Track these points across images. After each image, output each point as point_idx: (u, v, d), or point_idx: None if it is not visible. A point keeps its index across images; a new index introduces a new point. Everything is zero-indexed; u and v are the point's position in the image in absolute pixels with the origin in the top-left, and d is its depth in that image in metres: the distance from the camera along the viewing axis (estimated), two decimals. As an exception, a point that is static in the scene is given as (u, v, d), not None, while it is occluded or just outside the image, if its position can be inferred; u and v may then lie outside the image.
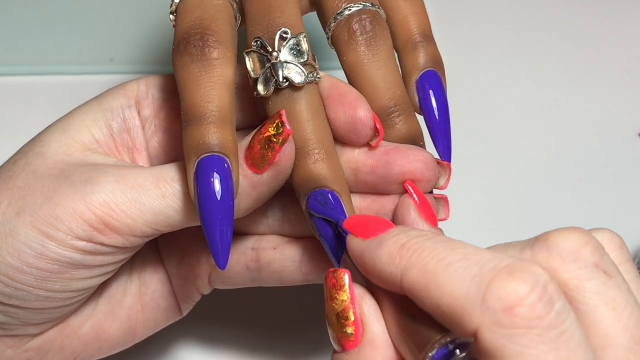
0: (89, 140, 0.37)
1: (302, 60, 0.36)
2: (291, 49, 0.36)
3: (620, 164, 0.56)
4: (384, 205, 0.37)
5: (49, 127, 0.38)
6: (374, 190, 0.37)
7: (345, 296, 0.30)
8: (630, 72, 0.60)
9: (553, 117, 0.58)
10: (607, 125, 0.57)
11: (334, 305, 0.30)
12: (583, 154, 0.56)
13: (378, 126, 0.36)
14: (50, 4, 0.57)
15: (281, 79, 0.35)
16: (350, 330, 0.30)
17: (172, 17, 0.37)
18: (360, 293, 0.30)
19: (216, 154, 0.33)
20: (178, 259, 0.40)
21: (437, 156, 0.38)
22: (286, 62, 0.35)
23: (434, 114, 0.38)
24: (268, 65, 0.35)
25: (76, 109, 0.39)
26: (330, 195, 0.35)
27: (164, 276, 0.40)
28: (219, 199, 0.33)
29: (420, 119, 0.39)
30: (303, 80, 0.35)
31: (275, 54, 0.35)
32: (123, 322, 0.39)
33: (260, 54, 0.36)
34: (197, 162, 0.33)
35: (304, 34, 0.36)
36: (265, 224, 0.39)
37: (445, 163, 0.38)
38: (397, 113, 0.37)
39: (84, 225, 0.34)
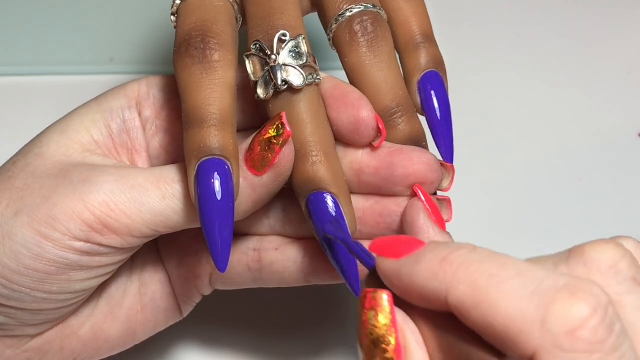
0: (88, 141, 0.37)
1: (302, 62, 0.36)
2: (290, 51, 0.36)
3: (620, 164, 0.56)
4: (387, 206, 0.37)
5: (48, 128, 0.38)
6: (377, 191, 0.37)
7: (386, 319, 0.28)
8: (630, 72, 0.60)
9: (553, 117, 0.58)
10: (607, 125, 0.57)
11: (373, 328, 0.28)
12: (583, 154, 0.56)
13: (380, 126, 0.36)
14: (50, 4, 0.57)
15: (279, 82, 0.35)
16: (390, 356, 0.28)
17: (173, 18, 0.37)
18: (402, 317, 0.28)
19: (217, 157, 0.33)
20: (178, 259, 0.40)
21: (439, 157, 0.38)
22: (285, 65, 0.35)
23: (436, 114, 0.39)
24: (267, 68, 0.35)
25: (75, 109, 0.38)
26: (333, 204, 0.35)
27: (164, 277, 0.40)
28: (219, 201, 0.33)
29: (422, 119, 0.39)
30: (302, 82, 0.35)
31: (273, 56, 0.35)
32: (123, 322, 0.39)
33: (260, 57, 0.36)
34: (197, 164, 0.33)
35: (303, 36, 0.36)
36: (267, 225, 0.39)
37: (448, 165, 0.38)
38: (399, 114, 0.37)
39: (82, 225, 0.34)
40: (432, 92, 0.38)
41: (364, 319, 0.28)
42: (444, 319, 0.28)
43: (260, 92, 0.36)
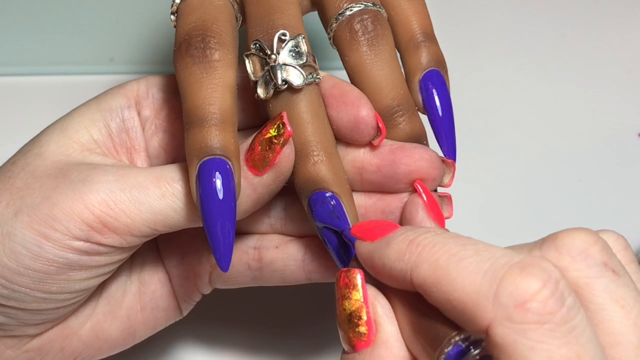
0: (87, 140, 0.37)
1: (301, 62, 0.36)
2: (290, 51, 0.36)
3: (620, 164, 0.56)
4: (389, 203, 0.37)
5: (48, 127, 0.38)
6: (379, 189, 0.37)
7: (358, 295, 0.30)
8: (630, 72, 0.60)
9: (553, 116, 0.58)
10: (607, 125, 0.57)
11: (347, 304, 0.30)
12: (583, 154, 0.56)
13: (380, 125, 0.36)
14: (50, 4, 0.57)
15: (279, 82, 0.35)
16: (363, 329, 0.30)
17: (172, 17, 0.37)
18: (373, 292, 0.30)
19: (218, 157, 0.33)
20: (178, 258, 0.40)
21: (440, 155, 0.38)
22: (284, 64, 0.35)
23: (438, 113, 0.39)
24: (266, 68, 0.35)
25: (75, 109, 0.39)
26: (333, 201, 0.35)
27: (164, 276, 0.40)
28: (221, 201, 0.33)
29: (423, 118, 0.39)
30: (302, 82, 0.35)
31: (273, 56, 0.35)
32: (123, 322, 0.39)
33: (259, 56, 0.36)
34: (199, 164, 0.33)
35: (303, 35, 0.36)
36: (267, 223, 0.39)
37: (449, 161, 0.38)
38: (400, 112, 0.37)
39: (81, 224, 0.34)
40: (434, 91, 0.38)
41: (339, 296, 0.30)
42: (412, 297, 0.29)
43: (260, 91, 0.36)
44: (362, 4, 0.37)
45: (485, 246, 0.27)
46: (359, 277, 0.30)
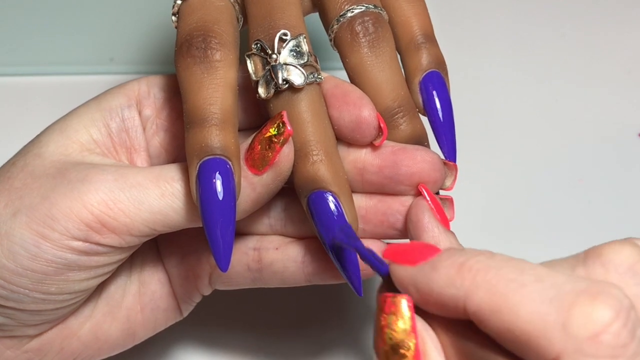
0: (87, 140, 0.37)
1: (302, 62, 0.36)
2: (291, 50, 0.36)
3: (620, 164, 0.56)
4: (390, 205, 0.37)
5: (48, 127, 0.38)
6: (380, 190, 0.37)
7: (405, 325, 0.28)
8: (630, 72, 0.60)
9: (553, 116, 0.58)
10: (607, 125, 0.57)
11: (392, 333, 0.28)
12: (583, 154, 0.56)
13: (382, 125, 0.36)
14: (50, 4, 0.57)
15: (280, 81, 0.35)
16: None
17: (174, 18, 0.37)
18: (421, 322, 0.28)
19: (218, 157, 0.33)
20: (178, 259, 0.40)
21: (442, 156, 0.38)
22: (285, 64, 0.35)
23: (438, 114, 0.39)
24: (267, 67, 0.35)
25: (75, 109, 0.39)
26: (336, 207, 0.35)
27: (164, 276, 0.40)
28: (221, 201, 0.33)
29: (423, 119, 0.39)
30: (303, 81, 0.35)
31: (274, 56, 0.35)
32: (122, 322, 0.39)
33: (261, 56, 0.36)
34: (199, 164, 0.33)
35: (304, 35, 0.36)
36: (267, 224, 0.39)
37: (451, 164, 0.38)
38: (401, 114, 0.37)
39: (80, 224, 0.34)
40: (434, 92, 0.38)
41: (383, 324, 0.28)
42: (461, 326, 0.27)
43: (261, 91, 0.36)
44: (363, 5, 0.37)
45: (545, 271, 0.26)
46: (406, 304, 0.28)
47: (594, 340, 0.24)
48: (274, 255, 0.39)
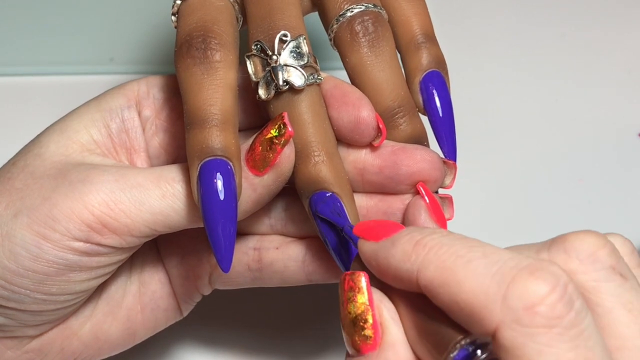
0: (87, 141, 0.37)
1: (302, 63, 0.36)
2: (291, 51, 0.36)
3: (620, 164, 0.56)
4: (391, 204, 0.37)
5: (48, 128, 0.38)
6: (381, 190, 0.37)
7: (363, 298, 0.30)
8: (630, 72, 0.60)
9: (553, 116, 0.58)
10: (607, 125, 0.57)
11: (352, 307, 0.30)
12: (583, 154, 0.56)
13: (381, 126, 0.36)
14: (50, 4, 0.57)
15: (281, 82, 0.35)
16: (369, 332, 0.29)
17: (173, 18, 0.37)
18: (378, 295, 0.30)
19: (219, 157, 0.33)
20: (178, 259, 0.40)
21: (441, 155, 0.38)
22: (286, 65, 0.35)
23: (438, 114, 0.39)
24: (268, 68, 0.35)
25: (75, 109, 0.39)
26: (338, 203, 0.35)
27: (164, 276, 0.40)
28: (222, 201, 0.33)
29: (423, 119, 0.39)
30: (303, 82, 0.35)
31: (274, 57, 0.35)
32: (123, 322, 0.39)
33: (261, 57, 0.36)
34: (200, 165, 0.33)
35: (304, 36, 0.36)
36: (267, 224, 0.39)
37: (450, 162, 0.38)
38: (401, 114, 0.37)
39: (81, 225, 0.34)
40: (434, 92, 0.38)
41: (343, 299, 0.30)
42: (417, 299, 0.29)
43: (261, 92, 0.36)
44: (363, 5, 0.37)
45: (493, 249, 0.27)
46: (363, 280, 0.30)
47: (530, 310, 0.25)
48: (275, 254, 0.39)
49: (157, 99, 0.39)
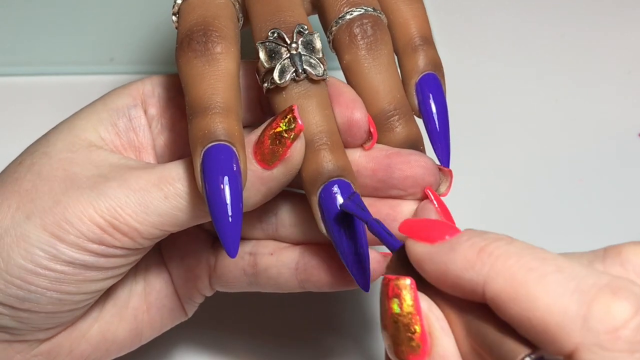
0: (95, 138, 0.37)
1: (318, 56, 0.35)
2: (307, 44, 0.35)
3: (620, 164, 0.56)
4: (379, 209, 0.36)
5: (55, 127, 0.38)
6: (373, 193, 0.37)
7: (410, 307, 0.28)
8: (630, 72, 0.60)
9: (553, 117, 0.58)
10: (607, 125, 0.57)
11: (397, 316, 0.28)
12: (583, 154, 0.56)
13: (372, 129, 0.36)
14: (50, 4, 0.57)
15: (300, 70, 0.35)
16: (416, 344, 0.28)
17: (174, 18, 0.37)
18: (427, 303, 0.28)
19: (222, 142, 0.33)
20: (178, 260, 0.40)
21: (437, 161, 0.38)
22: (304, 55, 0.35)
23: (433, 117, 0.38)
24: (286, 55, 0.35)
25: (81, 109, 0.38)
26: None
27: (168, 276, 0.40)
28: (227, 186, 0.33)
29: (419, 122, 0.39)
30: (321, 72, 0.35)
31: (294, 45, 0.35)
32: (129, 322, 0.39)
33: (277, 44, 0.35)
34: (203, 151, 0.33)
35: (318, 33, 0.36)
36: (260, 228, 0.39)
37: (446, 169, 0.37)
38: (397, 117, 0.37)
39: (94, 228, 0.34)
40: (430, 95, 0.38)
41: (387, 307, 0.28)
42: (475, 307, 0.27)
43: (276, 77, 0.35)
44: (362, 8, 0.37)
45: (566, 262, 0.26)
46: (410, 286, 0.28)
47: (612, 334, 0.25)
48: (269, 260, 0.39)
49: (161, 97, 0.39)
